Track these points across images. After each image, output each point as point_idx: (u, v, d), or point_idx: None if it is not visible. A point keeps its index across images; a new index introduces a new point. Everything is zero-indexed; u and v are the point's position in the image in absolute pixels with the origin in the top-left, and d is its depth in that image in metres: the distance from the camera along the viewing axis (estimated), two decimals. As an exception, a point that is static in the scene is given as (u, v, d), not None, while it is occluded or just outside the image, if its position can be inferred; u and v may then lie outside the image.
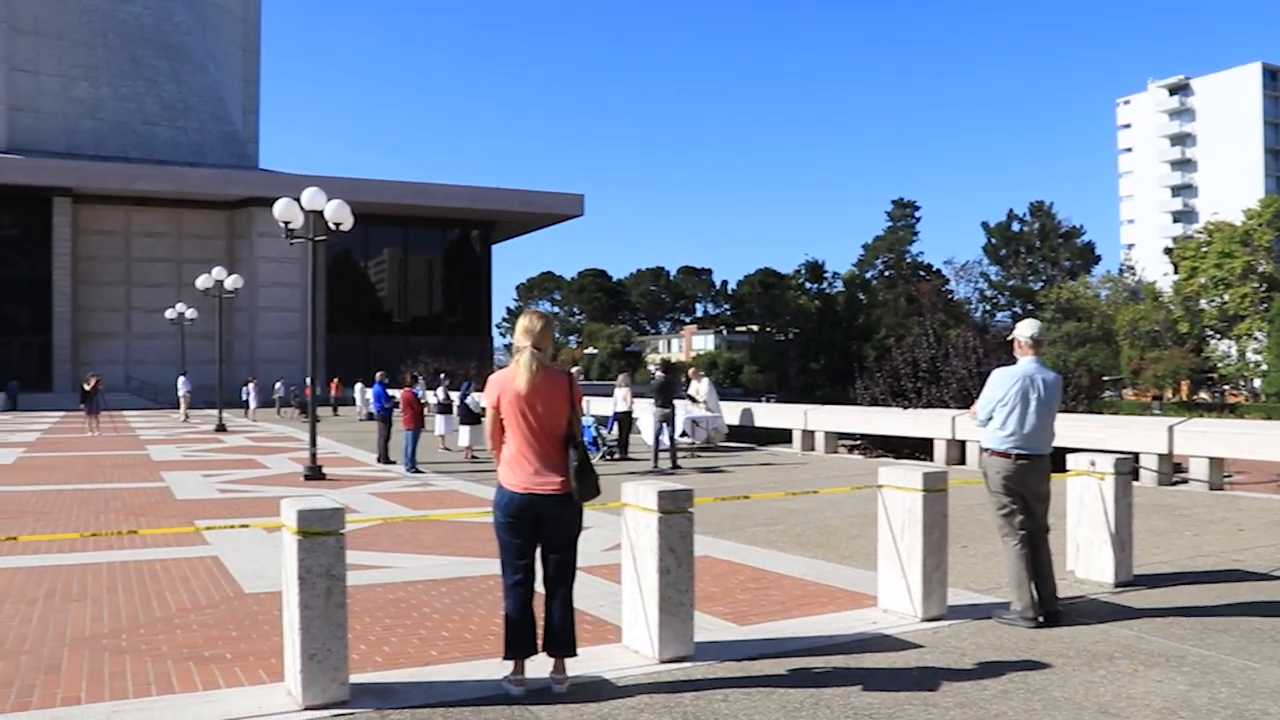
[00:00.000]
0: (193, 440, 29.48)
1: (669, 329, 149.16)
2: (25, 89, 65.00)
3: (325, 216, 19.53)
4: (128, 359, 61.99)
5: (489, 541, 11.30)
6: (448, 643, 7.38)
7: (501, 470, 6.15)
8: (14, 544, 11.25)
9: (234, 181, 63.45)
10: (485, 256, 71.71)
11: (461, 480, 18.47)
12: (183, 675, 6.66)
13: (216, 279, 35.08)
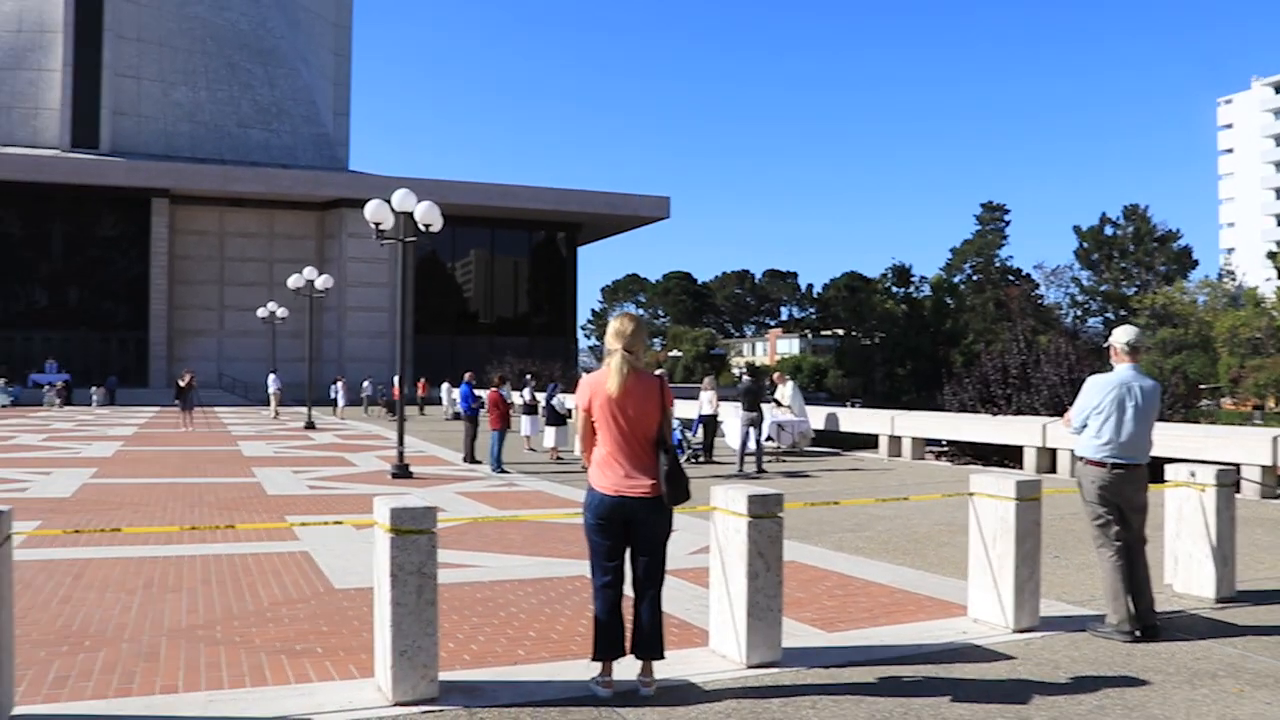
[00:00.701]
0: (283, 437, 29.98)
1: (753, 332, 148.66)
2: (128, 94, 66.77)
3: (415, 218, 19.75)
4: (220, 356, 63.30)
5: (574, 543, 11.40)
6: (535, 642, 7.40)
7: (592, 472, 6.14)
8: (115, 535, 11.55)
9: (324, 183, 64.49)
10: (571, 258, 72.05)
11: (547, 481, 18.55)
12: (275, 668, 6.77)
13: (307, 278, 35.66)
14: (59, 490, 16.39)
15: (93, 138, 65.52)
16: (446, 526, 12.10)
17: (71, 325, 62.14)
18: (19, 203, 60.85)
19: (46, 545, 10.93)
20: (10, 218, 61.21)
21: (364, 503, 15.15)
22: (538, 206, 66.33)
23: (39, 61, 66.06)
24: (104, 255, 62.63)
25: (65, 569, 9.82)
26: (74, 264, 62.27)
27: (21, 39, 66.38)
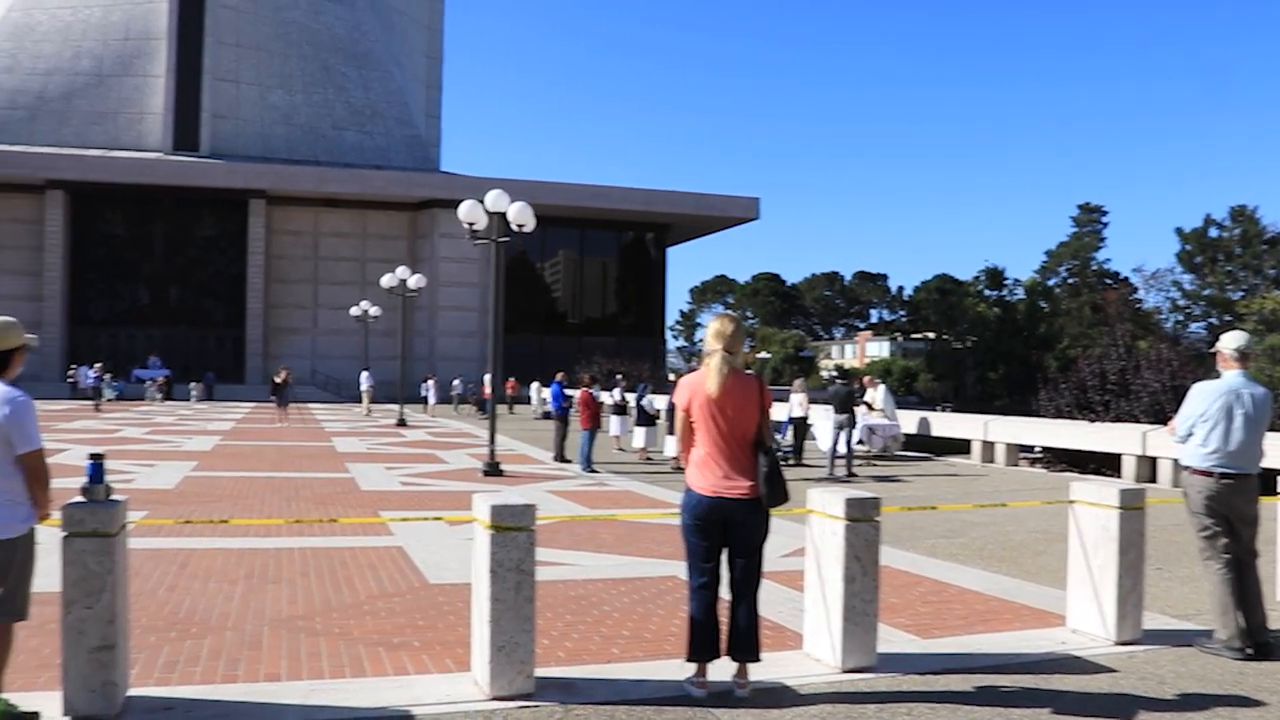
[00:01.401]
0: (375, 434, 30.42)
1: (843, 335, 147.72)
2: (227, 97, 68.33)
3: (508, 218, 19.92)
4: (314, 354, 64.44)
5: (666, 543, 11.43)
6: (628, 641, 7.43)
7: (690, 473, 6.15)
8: (216, 526, 11.82)
9: (417, 184, 65.33)
10: (660, 259, 72.11)
11: (636, 481, 18.59)
12: (374, 659, 6.89)
13: (400, 278, 36.14)
14: (163, 482, 16.81)
15: (193, 141, 67.19)
16: (538, 525, 12.17)
17: (172, 323, 63.82)
18: (125, 205, 62.72)
19: (154, 535, 11.23)
20: (116, 219, 63.06)
21: (456, 499, 15.33)
22: (627, 207, 66.51)
23: (144, 68, 67.92)
24: (203, 255, 64.23)
25: (171, 558, 10.09)
26: (175, 264, 63.94)
27: (128, 46, 68.31)
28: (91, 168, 60.79)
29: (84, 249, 62.61)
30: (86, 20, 68.91)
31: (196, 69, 67.60)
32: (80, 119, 67.01)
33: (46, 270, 60.44)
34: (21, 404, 5.29)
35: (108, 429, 29.90)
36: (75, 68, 67.96)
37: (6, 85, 67.51)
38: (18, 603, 5.39)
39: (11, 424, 5.24)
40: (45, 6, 69.72)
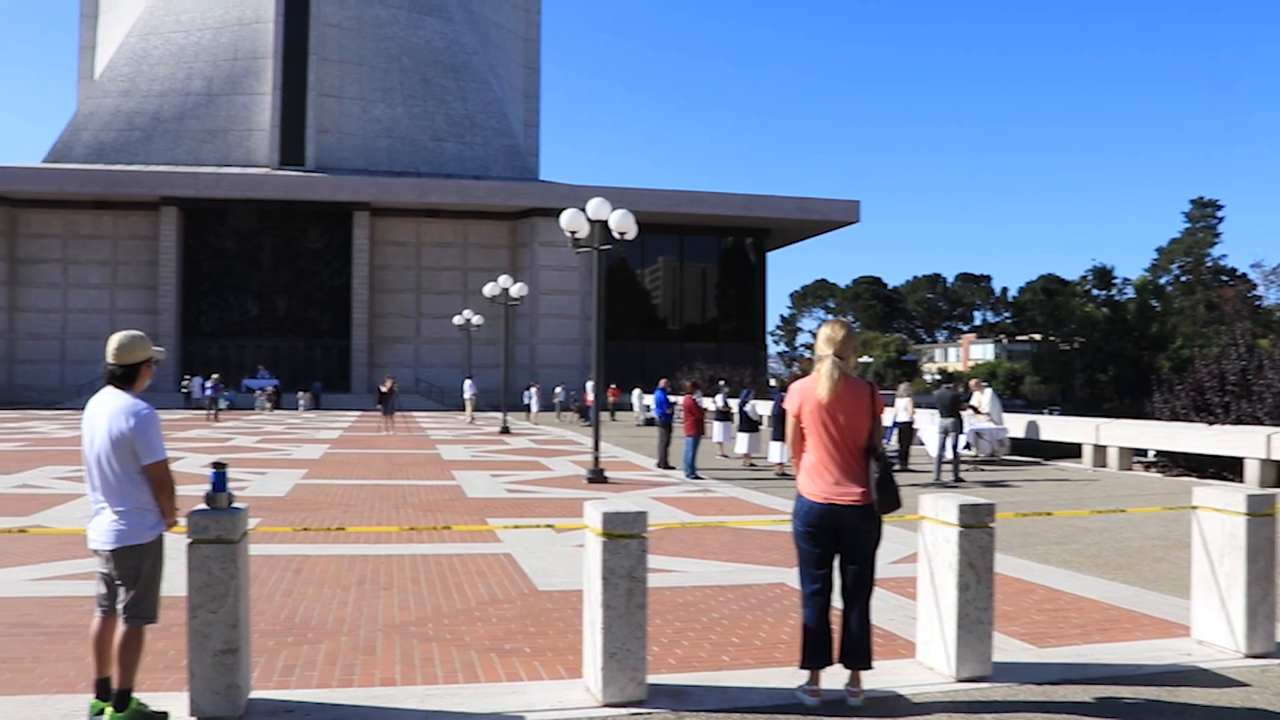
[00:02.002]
0: (479, 441, 30.71)
1: (946, 338, 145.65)
2: (330, 112, 69.73)
3: (610, 226, 19.97)
4: (417, 362, 65.35)
5: (772, 549, 11.36)
6: (738, 649, 7.39)
7: (801, 479, 6.10)
8: (329, 533, 12.03)
9: (516, 193, 65.92)
10: (760, 264, 71.79)
11: (741, 488, 18.51)
12: (486, 665, 6.95)
13: (502, 286, 36.45)
14: (275, 490, 17.17)
15: (299, 155, 68.66)
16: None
17: (280, 333, 65.29)
18: (235, 219, 64.38)
19: (268, 541, 11.46)
20: (227, 233, 64.74)
21: (561, 506, 15.42)
22: (726, 212, 66.31)
23: (251, 86, 69.62)
24: (310, 266, 65.61)
25: (286, 564, 10.29)
26: (283, 275, 65.42)
27: (237, 66, 70.10)
28: (203, 184, 62.56)
29: (196, 263, 64.42)
30: (198, 43, 70.90)
31: (301, 86, 69.12)
32: (192, 137, 68.95)
33: (161, 284, 62.30)
34: (146, 416, 5.46)
35: (220, 438, 30.64)
36: (187, 88, 69.95)
37: (124, 108, 69.77)
38: (147, 606, 5.55)
39: (136, 435, 5.41)
40: (160, 31, 71.91)
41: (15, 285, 62.73)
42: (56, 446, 26.57)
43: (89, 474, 5.61)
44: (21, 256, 62.98)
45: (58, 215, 63.17)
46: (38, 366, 62.66)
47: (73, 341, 62.89)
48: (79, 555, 10.46)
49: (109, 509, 5.51)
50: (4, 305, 62.13)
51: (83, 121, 69.77)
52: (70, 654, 7.08)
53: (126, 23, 75.44)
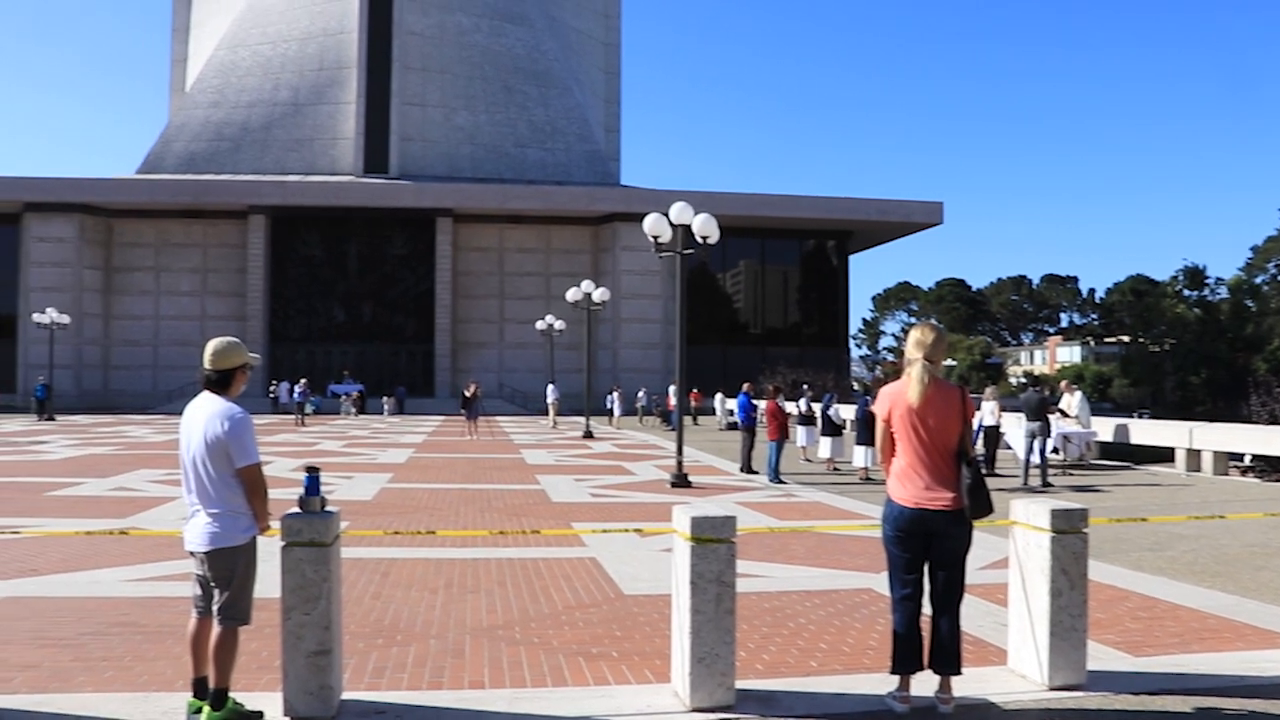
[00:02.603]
0: (562, 446, 30.85)
1: (1031, 340, 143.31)
2: (414, 120, 70.62)
3: (693, 230, 19.95)
4: (500, 367, 65.88)
5: (859, 554, 11.27)
6: (826, 654, 7.33)
7: (891, 484, 6.04)
8: (415, 536, 12.15)
9: (598, 198, 66.21)
10: (842, 267, 71.32)
11: (825, 492, 18.38)
12: (573, 669, 6.96)
13: (585, 291, 36.59)
14: (362, 493, 17.39)
15: (383, 163, 69.61)
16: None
17: (365, 339, 66.23)
18: (320, 227, 65.54)
19: (356, 544, 11.60)
20: (313, 241, 65.88)
21: (645, 511, 15.42)
22: (807, 215, 65.99)
23: (336, 96, 70.76)
24: (394, 273, 66.47)
25: (374, 567, 10.41)
26: (367, 282, 66.35)
27: (322, 76, 71.30)
28: (290, 192, 63.77)
29: (283, 270, 65.65)
30: (284, 54, 72.25)
31: (385, 94, 70.10)
32: (279, 147, 70.28)
33: (249, 291, 63.58)
34: (240, 420, 5.56)
35: (307, 442, 31.13)
36: (274, 99, 71.31)
37: (214, 119, 71.33)
38: (241, 608, 5.65)
39: (231, 439, 5.51)
40: (248, 44, 73.41)
41: (110, 293, 64.47)
42: (150, 450, 27.17)
43: (185, 477, 5.73)
44: (116, 265, 64.73)
45: (150, 224, 64.82)
46: (131, 372, 64.30)
47: (164, 348, 64.48)
48: (173, 557, 10.68)
49: (204, 511, 5.61)
50: (100, 313, 63.85)
51: (174, 133, 71.49)
52: (167, 653, 7.23)
53: (216, 36, 77.15)
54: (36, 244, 61.87)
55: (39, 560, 10.79)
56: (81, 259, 62.55)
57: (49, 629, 7.97)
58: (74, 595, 9.15)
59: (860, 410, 22.17)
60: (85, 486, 18.29)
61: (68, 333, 55.90)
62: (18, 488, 18.11)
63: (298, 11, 73.06)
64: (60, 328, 50.22)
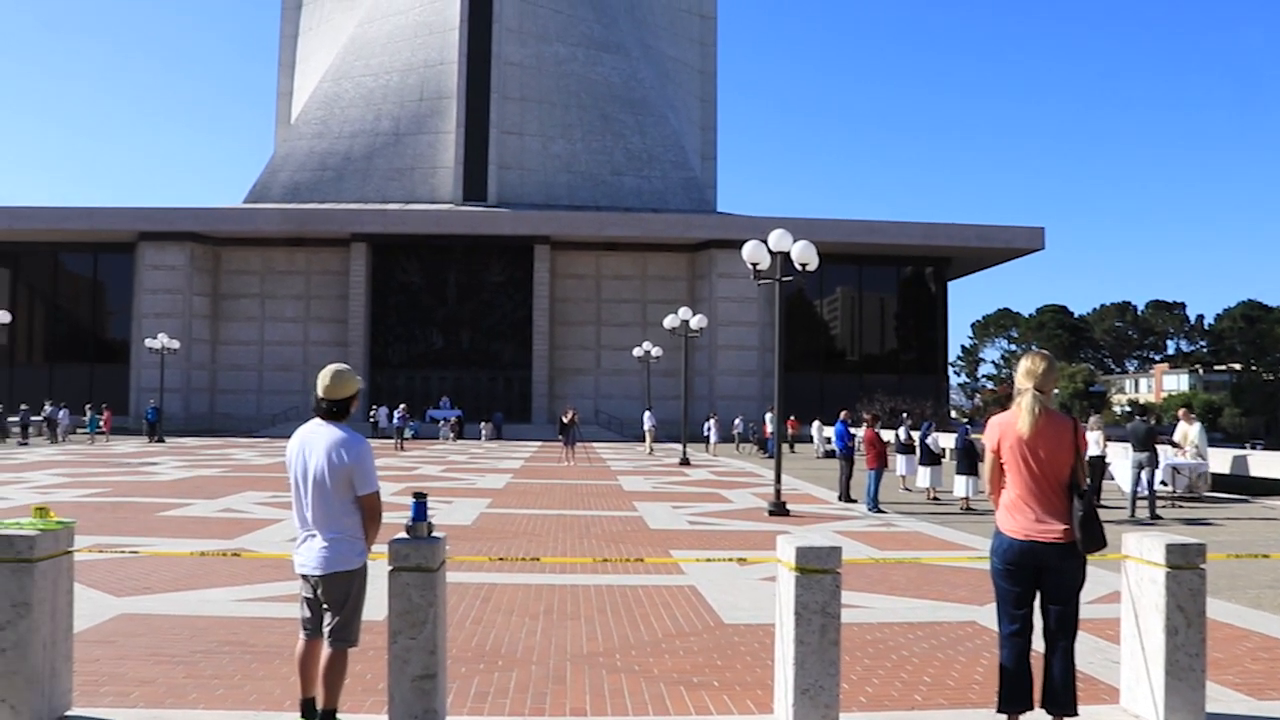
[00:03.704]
0: (659, 472, 30.84)
1: (1136, 368, 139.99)
2: (512, 149, 71.53)
3: (791, 257, 19.88)
4: (597, 394, 66.13)
5: (961, 586, 11.07)
6: (930, 689, 7.22)
7: (1000, 515, 5.92)
8: (514, 563, 12.21)
9: (694, 225, 66.31)
10: (940, 293, 70.36)
11: (925, 522, 18.12)
12: (675, 698, 6.93)
13: (682, 318, 36.61)
14: (461, 518, 17.55)
15: (481, 192, 70.57)
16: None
17: (463, 365, 67.01)
18: (420, 254, 66.62)
19: (456, 569, 11.68)
20: (413, 268, 66.96)
21: (743, 539, 15.35)
22: (905, 241, 65.30)
23: (436, 125, 71.98)
24: (492, 299, 67.22)
25: (474, 592, 10.49)
26: (466, 308, 67.20)
27: (422, 107, 72.61)
28: (391, 221, 64.94)
29: (383, 296, 66.79)
30: (386, 85, 73.73)
31: (484, 124, 71.12)
32: (380, 176, 71.65)
33: (351, 317, 64.79)
34: (364, 449, 5.67)
35: (407, 466, 31.52)
36: (376, 129, 72.76)
37: (318, 149, 73.01)
38: (352, 630, 5.74)
39: (355, 466, 5.61)
40: (351, 76, 75.07)
41: (218, 319, 66.19)
42: (255, 473, 27.75)
43: (297, 502, 5.83)
44: (224, 292, 66.47)
45: (256, 252, 66.48)
46: (237, 396, 65.86)
47: (269, 372, 66.00)
48: (280, 578, 10.88)
49: (319, 536, 5.71)
50: (208, 338, 65.56)
51: (279, 163, 73.33)
52: (276, 673, 7.36)
53: (320, 69, 78.99)
54: (150, 272, 63.87)
55: (153, 578, 11.08)
56: (191, 286, 64.36)
57: (163, 645, 8.18)
58: (186, 613, 9.37)
59: (960, 439, 21.84)
60: (194, 507, 18.75)
61: (177, 357, 57.55)
62: (132, 508, 18.63)
63: (399, 44, 74.55)
64: (170, 353, 51.69)
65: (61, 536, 6.27)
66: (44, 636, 6.01)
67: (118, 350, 66.38)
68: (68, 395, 56.30)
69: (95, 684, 7.04)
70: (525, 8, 73.37)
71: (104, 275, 68.04)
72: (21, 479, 25.04)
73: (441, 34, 72.99)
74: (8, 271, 67.92)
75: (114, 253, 65.92)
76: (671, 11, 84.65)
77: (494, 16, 71.91)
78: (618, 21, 77.47)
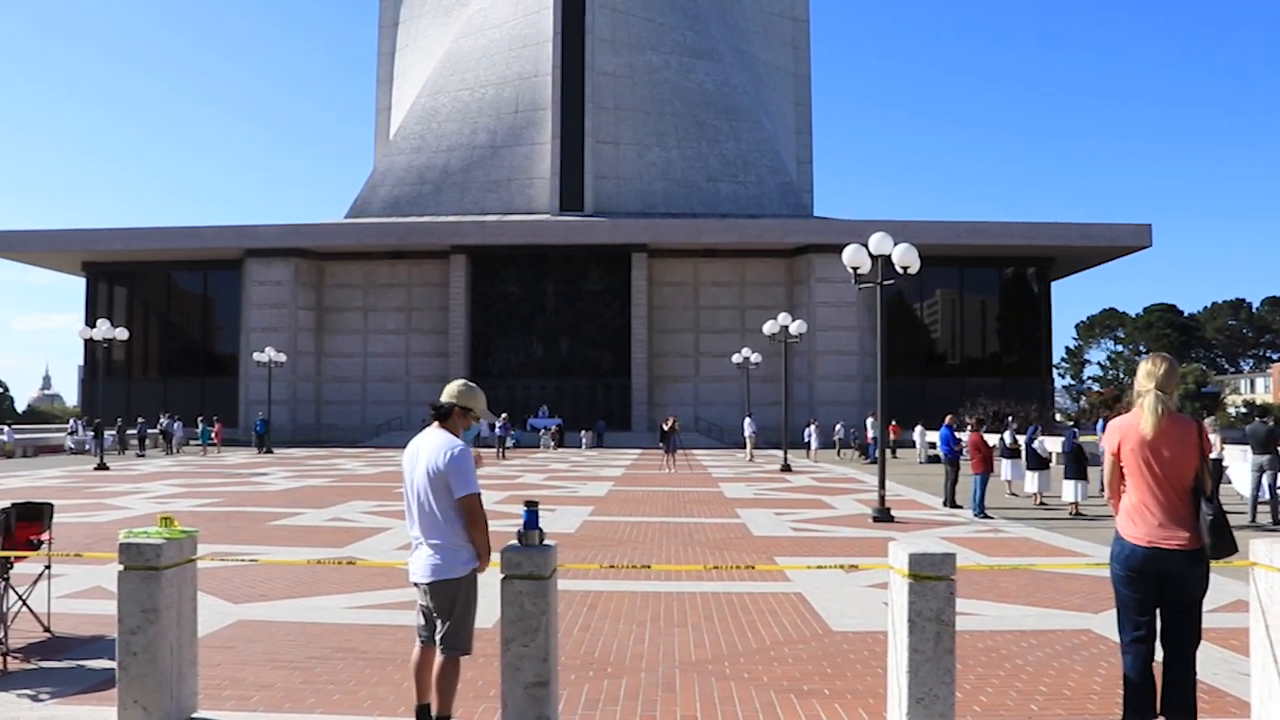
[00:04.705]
0: (760, 479, 30.69)
1: (1251, 367, 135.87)
2: (607, 158, 71.91)
3: (893, 260, 19.65)
4: (696, 400, 66.09)
5: (1073, 593, 10.84)
6: (1047, 698, 7.07)
7: (1121, 521, 5.77)
8: (618, 570, 12.23)
9: (791, 230, 65.96)
10: (1043, 294, 68.96)
11: (1033, 528, 17.77)
12: (785, 707, 6.89)
13: (781, 324, 36.42)
14: (565, 526, 17.64)
15: (578, 201, 71.02)
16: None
17: (562, 374, 67.49)
18: (519, 265, 67.32)
19: (561, 577, 11.72)
20: (512, 278, 67.67)
21: (848, 545, 15.20)
22: (1007, 242, 64.11)
23: (532, 137, 72.67)
24: (590, 308, 67.62)
25: (580, 599, 10.54)
26: (564, 317, 67.72)
27: (518, 119, 73.38)
28: (489, 232, 65.70)
29: (483, 307, 67.59)
30: (482, 99, 74.66)
31: (579, 134, 71.63)
32: (478, 188, 72.55)
33: (451, 328, 65.70)
34: (462, 451, 5.74)
35: (509, 475, 31.80)
36: (473, 142, 73.71)
37: (416, 163, 74.21)
38: (462, 638, 5.80)
39: (451, 469, 5.68)
40: (447, 91, 76.15)
41: (322, 332, 67.58)
42: (362, 482, 28.22)
43: (409, 510, 5.93)
44: (327, 305, 67.85)
45: (358, 266, 67.75)
46: (341, 407, 67.13)
47: (372, 383, 67.21)
48: (390, 586, 11.06)
49: (426, 544, 5.79)
50: (313, 351, 66.96)
51: (379, 178, 74.65)
52: (388, 679, 7.48)
53: (417, 85, 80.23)
54: (256, 287, 65.48)
55: (267, 586, 11.32)
56: (296, 300, 65.82)
57: (280, 651, 8.36)
58: (300, 620, 9.56)
59: (1068, 443, 21.40)
60: (304, 517, 19.13)
61: (283, 370, 58.90)
62: (244, 517, 19.08)
63: (494, 58, 75.44)
64: (277, 366, 52.84)
65: (185, 545, 6.45)
66: (171, 641, 6.20)
67: (227, 364, 68.18)
68: (181, 408, 57.98)
69: (217, 688, 7.22)
70: (618, 18, 73.75)
71: (213, 291, 69.90)
72: (141, 489, 25.82)
73: (535, 46, 73.71)
74: (124, 290, 70.26)
75: (222, 269, 67.77)
76: (764, 16, 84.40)
77: (587, 28, 72.39)
78: (710, 28, 77.45)
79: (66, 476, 31.34)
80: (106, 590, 10.58)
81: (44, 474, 32.86)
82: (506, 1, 76.81)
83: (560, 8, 72.75)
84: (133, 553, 6.13)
